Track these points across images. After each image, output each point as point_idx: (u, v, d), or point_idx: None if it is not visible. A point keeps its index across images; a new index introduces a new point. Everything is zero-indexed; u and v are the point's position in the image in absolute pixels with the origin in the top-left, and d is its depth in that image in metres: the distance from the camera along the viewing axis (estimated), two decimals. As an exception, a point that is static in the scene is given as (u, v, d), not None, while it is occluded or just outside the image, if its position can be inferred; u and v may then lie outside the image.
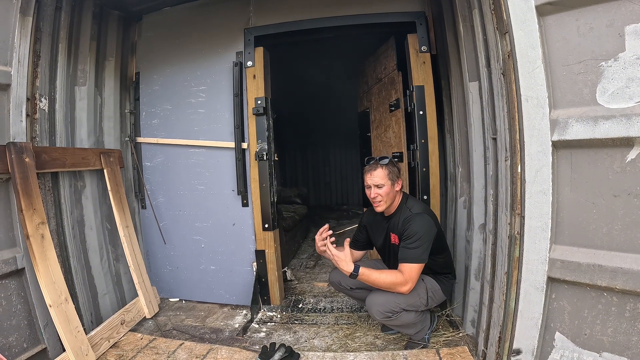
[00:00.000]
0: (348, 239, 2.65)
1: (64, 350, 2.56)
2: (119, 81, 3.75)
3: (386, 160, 2.70)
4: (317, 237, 2.65)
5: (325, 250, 2.59)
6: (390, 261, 2.87)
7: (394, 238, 2.73)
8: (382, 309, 2.57)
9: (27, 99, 2.67)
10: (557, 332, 1.99)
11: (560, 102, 1.91)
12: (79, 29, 3.25)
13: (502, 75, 2.22)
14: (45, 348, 2.59)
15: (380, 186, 2.63)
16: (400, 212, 2.72)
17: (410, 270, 2.46)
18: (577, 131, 1.83)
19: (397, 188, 2.71)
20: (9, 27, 2.53)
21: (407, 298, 2.58)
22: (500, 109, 2.28)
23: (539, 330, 2.03)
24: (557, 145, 1.92)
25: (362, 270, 2.48)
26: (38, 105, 2.79)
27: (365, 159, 2.84)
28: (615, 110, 1.73)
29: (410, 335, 2.81)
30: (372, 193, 2.67)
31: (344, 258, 2.51)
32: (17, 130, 2.58)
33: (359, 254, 3.12)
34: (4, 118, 2.52)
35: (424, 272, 2.65)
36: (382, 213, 2.82)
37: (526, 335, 2.08)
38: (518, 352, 2.10)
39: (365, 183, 2.73)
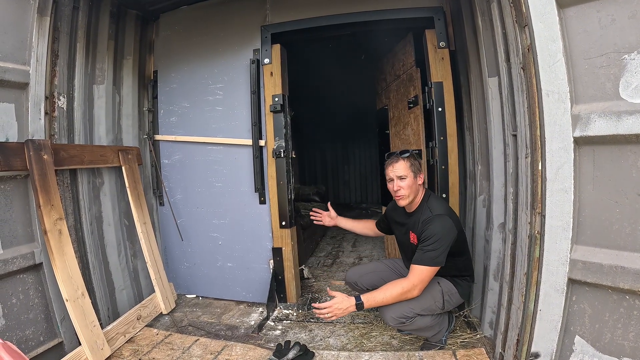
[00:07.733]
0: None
1: (79, 344, 2.59)
2: (137, 79, 3.80)
3: (407, 153, 2.64)
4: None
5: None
6: (409, 259, 2.80)
7: (413, 237, 2.66)
8: (395, 315, 2.49)
9: (46, 97, 2.72)
10: (576, 336, 1.92)
11: (582, 96, 1.84)
12: (96, 28, 3.29)
13: (522, 70, 2.16)
14: (62, 342, 2.64)
15: (403, 178, 2.56)
16: (421, 211, 2.64)
17: (420, 273, 2.40)
18: (599, 127, 1.75)
19: (420, 182, 2.65)
20: (26, 27, 2.57)
21: (421, 302, 2.52)
22: (520, 104, 2.22)
23: (559, 334, 1.96)
24: (579, 142, 1.85)
25: (365, 299, 2.41)
26: (56, 104, 2.84)
27: (386, 154, 2.79)
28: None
29: (427, 337, 2.76)
30: (395, 186, 2.59)
31: (341, 299, 2.42)
32: (36, 127, 2.63)
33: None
34: (23, 116, 2.56)
35: (442, 274, 2.59)
36: (403, 209, 2.77)
37: (545, 339, 2.01)
38: (536, 355, 2.03)
39: (387, 177, 2.66)
